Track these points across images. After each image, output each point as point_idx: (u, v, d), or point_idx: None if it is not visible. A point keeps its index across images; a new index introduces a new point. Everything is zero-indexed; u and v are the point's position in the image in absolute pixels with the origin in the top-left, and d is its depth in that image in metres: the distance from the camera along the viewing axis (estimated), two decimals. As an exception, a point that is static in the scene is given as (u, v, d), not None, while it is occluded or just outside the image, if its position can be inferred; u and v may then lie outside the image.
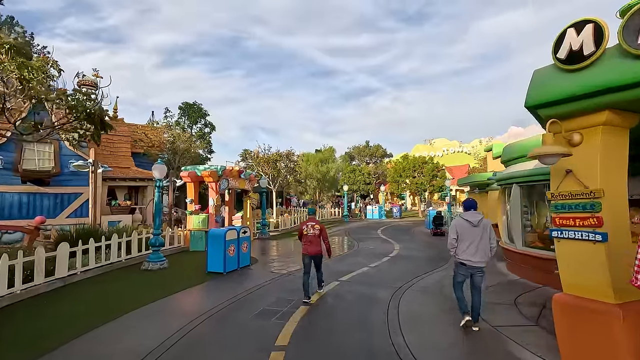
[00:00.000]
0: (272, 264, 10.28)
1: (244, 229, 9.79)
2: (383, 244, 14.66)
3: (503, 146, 18.64)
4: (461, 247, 4.99)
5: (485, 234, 4.93)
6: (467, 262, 4.96)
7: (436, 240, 15.55)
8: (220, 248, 8.89)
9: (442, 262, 10.19)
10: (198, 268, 9.55)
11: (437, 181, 31.63)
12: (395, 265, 9.97)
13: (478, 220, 4.98)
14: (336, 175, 27.01)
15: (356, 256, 11.56)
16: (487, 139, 73.40)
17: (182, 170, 13.63)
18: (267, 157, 22.21)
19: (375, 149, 51.73)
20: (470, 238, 4.93)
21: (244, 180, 15.47)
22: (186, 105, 27.97)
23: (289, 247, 13.89)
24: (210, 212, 13.26)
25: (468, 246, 4.94)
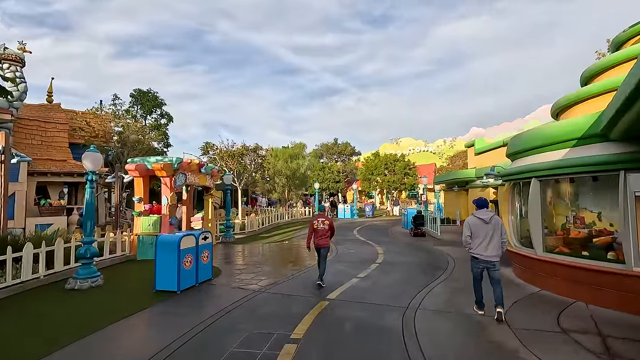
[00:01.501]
0: (239, 276, 8.40)
1: (204, 234, 7.82)
2: (363, 246, 13.20)
3: (484, 141, 18.02)
4: (475, 242, 5.38)
5: (497, 231, 5.31)
6: (479, 256, 5.36)
7: (420, 242, 14.36)
8: (173, 259, 6.89)
9: (439, 271, 8.85)
10: (144, 284, 7.47)
11: (409, 179, 30.94)
12: (387, 275, 8.47)
13: (489, 217, 5.34)
14: (306, 172, 25.31)
15: (339, 263, 9.96)
16: (451, 139, 75.30)
17: (128, 163, 11.28)
18: (232, 151, 20.02)
19: (343, 147, 50.65)
20: (482, 234, 5.32)
21: (205, 176, 13.34)
22: (139, 93, 24.92)
23: (258, 252, 12.00)
24: (164, 212, 11.06)
25: (481, 242, 5.32)
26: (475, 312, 5.51)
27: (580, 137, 5.91)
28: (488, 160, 15.49)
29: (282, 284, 7.61)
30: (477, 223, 5.36)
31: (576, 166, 5.90)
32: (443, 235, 15.59)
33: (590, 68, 7.80)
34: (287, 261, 10.31)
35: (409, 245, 13.72)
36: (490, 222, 5.29)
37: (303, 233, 18.03)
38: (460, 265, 9.34)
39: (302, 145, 25.92)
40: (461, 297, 6.44)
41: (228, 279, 8.06)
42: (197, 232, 7.67)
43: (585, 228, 6.44)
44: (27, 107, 17.52)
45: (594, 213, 6.35)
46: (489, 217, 5.33)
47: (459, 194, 18.83)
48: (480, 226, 5.32)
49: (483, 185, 15.06)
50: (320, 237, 7.33)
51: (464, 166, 39.68)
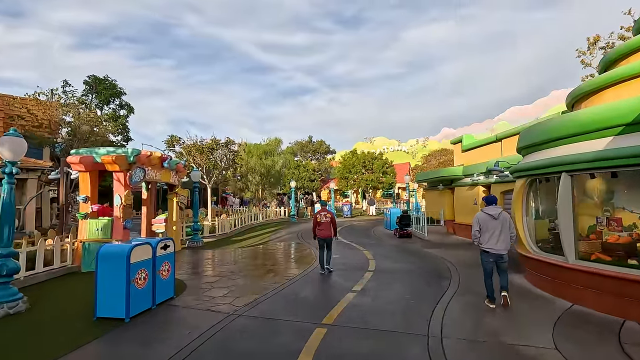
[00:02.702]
0: (208, 292, 6.83)
1: (164, 242, 6.20)
2: (349, 250, 11.94)
3: (473, 137, 17.31)
4: (484, 237, 5.66)
5: (505, 226, 5.61)
6: (490, 250, 5.62)
7: (408, 244, 13.30)
8: (121, 277, 5.26)
9: (444, 280, 7.72)
10: (84, 307, 5.76)
11: (387, 178, 30.17)
12: (387, 287, 7.22)
13: (498, 213, 5.65)
14: (281, 170, 23.76)
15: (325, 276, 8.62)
16: (424, 139, 76.16)
17: (71, 154, 9.31)
18: (201, 145, 18.10)
19: (318, 145, 49.43)
20: (491, 229, 5.61)
21: (169, 172, 11.54)
22: (94, 80, 22.30)
23: (230, 260, 10.40)
24: (116, 214, 9.22)
25: (490, 236, 5.61)
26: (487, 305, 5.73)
27: (629, 123, 4.90)
28: (477, 157, 14.74)
29: (263, 302, 6.16)
30: (486, 219, 5.68)
31: (624, 157, 4.89)
32: (430, 236, 14.67)
33: (618, 49, 6.94)
34: (266, 270, 8.84)
35: (398, 248, 12.62)
36: (499, 217, 5.62)
37: (280, 236, 16.55)
38: (465, 272, 8.27)
39: (278, 141, 24.32)
40: (487, 317, 5.29)
41: (195, 297, 6.48)
42: (154, 240, 6.04)
43: (624, 231, 5.49)
44: (-49, 90, 14.80)
45: (636, 214, 5.40)
46: (498, 213, 5.65)
47: (443, 193, 18.06)
48: (489, 221, 5.64)
49: (472, 184, 14.28)
50: (323, 229, 8.36)
51: (441, 165, 39.62)
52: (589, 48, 18.99)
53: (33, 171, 13.76)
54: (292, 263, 9.77)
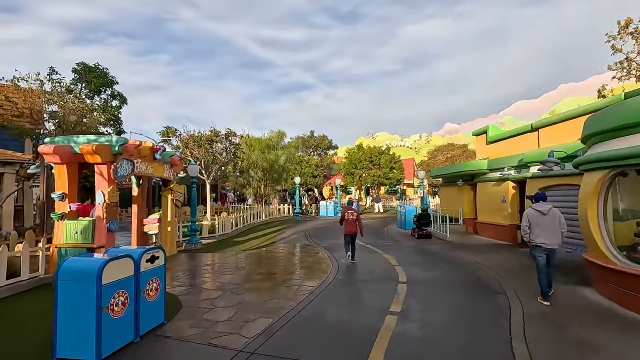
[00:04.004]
0: (209, 314, 5.41)
1: (150, 253, 4.76)
2: (369, 255, 10.53)
3: (498, 128, 15.88)
4: (535, 232, 5.84)
5: (555, 221, 5.77)
6: (542, 244, 5.76)
7: (430, 246, 11.90)
8: (88, 304, 3.83)
9: (498, 295, 6.32)
10: (43, 337, 4.34)
11: (395, 174, 28.75)
12: (432, 306, 5.82)
13: (547, 209, 5.82)
14: (285, 165, 22.27)
15: (351, 284, 7.21)
16: (427, 134, 74.91)
17: (44, 143, 7.83)
18: (199, 136, 16.57)
19: (320, 140, 47.92)
20: (541, 225, 5.79)
21: (162, 165, 10.09)
22: (84, 68, 20.71)
23: (234, 267, 8.97)
24: (98, 214, 7.77)
25: (540, 232, 5.78)
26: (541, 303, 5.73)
27: None
28: (506, 149, 13.33)
29: (281, 330, 4.75)
30: (536, 215, 5.85)
31: None
32: (451, 237, 13.29)
33: None
34: (276, 281, 7.43)
35: (421, 250, 11.22)
36: (548, 213, 5.79)
37: (286, 236, 15.14)
38: (519, 284, 6.87)
39: (281, 134, 22.74)
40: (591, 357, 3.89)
41: (192, 322, 5.06)
42: (136, 251, 4.60)
43: None
44: None
45: None
46: (547, 209, 5.81)
47: (462, 189, 16.67)
48: (539, 217, 5.82)
49: (499, 179, 12.89)
50: (349, 226, 9.13)
51: (448, 160, 38.25)
52: (620, 32, 17.52)
53: (10, 165, 12.30)
54: (305, 271, 8.36)
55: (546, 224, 5.73)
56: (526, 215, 5.96)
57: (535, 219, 5.82)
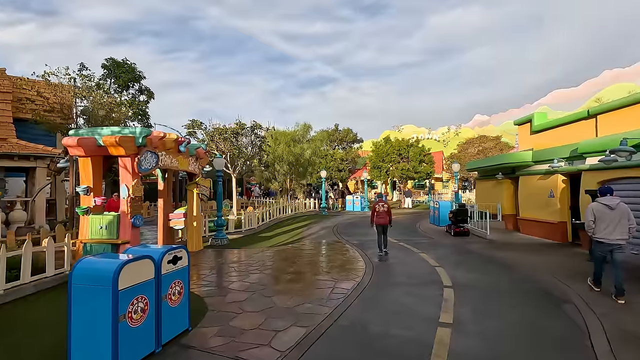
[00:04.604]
0: (236, 319, 4.92)
1: (172, 253, 4.30)
2: (404, 253, 9.80)
3: (546, 116, 14.57)
4: (600, 227, 5.63)
5: (624, 216, 5.52)
6: (605, 240, 5.58)
7: (470, 245, 10.98)
8: (104, 312, 3.39)
9: (565, 303, 5.47)
10: (62, 343, 3.97)
11: (425, 167, 27.56)
12: (488, 317, 5.06)
13: (615, 204, 5.58)
14: (311, 158, 21.70)
15: (389, 286, 6.53)
16: (456, 127, 72.26)
17: (69, 135, 7.60)
18: (224, 128, 16.27)
19: (345, 133, 47.04)
20: (607, 220, 5.56)
21: (186, 158, 9.76)
22: (112, 64, 20.93)
23: (262, 265, 8.50)
24: (123, 209, 7.49)
25: (606, 227, 5.57)
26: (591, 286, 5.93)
27: None
28: (555, 139, 12.11)
29: (317, 343, 4.17)
30: (602, 209, 5.65)
31: None
32: (491, 235, 12.28)
33: None
34: (307, 282, 6.88)
35: (461, 250, 10.35)
36: (616, 208, 5.56)
37: (313, 232, 14.60)
38: (583, 291, 5.96)
39: (307, 127, 22.15)
40: None
41: (219, 329, 4.58)
42: (157, 251, 4.15)
43: None
44: (-44, 71, 13.63)
45: None
46: (615, 203, 5.59)
47: (501, 184, 15.50)
48: (605, 212, 5.60)
49: (547, 172, 11.73)
50: (381, 217, 9.58)
51: (480, 154, 36.39)
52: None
53: (42, 159, 12.40)
54: (337, 271, 7.76)
55: (613, 219, 5.54)
56: (591, 209, 5.79)
57: (601, 213, 5.64)
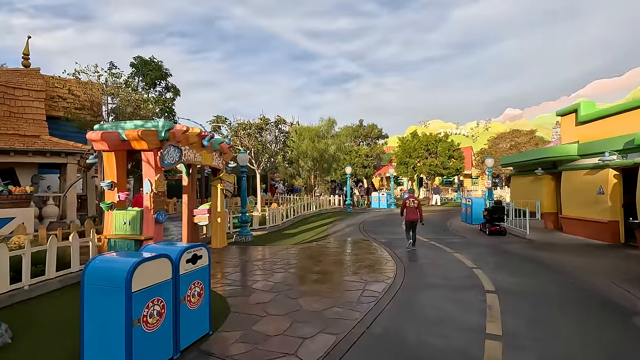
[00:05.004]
0: (261, 322, 4.57)
1: (191, 251, 3.98)
2: (436, 253, 9.19)
3: (594, 106, 13.42)
4: None
5: None
6: None
7: (510, 245, 10.19)
8: (116, 316, 3.10)
9: (635, 315, 4.75)
10: (73, 348, 3.76)
11: (454, 163, 26.44)
12: (543, 329, 4.45)
13: None
14: (335, 154, 21.22)
15: (424, 289, 5.99)
16: (485, 121, 69.48)
17: (93, 130, 7.53)
18: (248, 124, 16.10)
19: (369, 129, 46.15)
20: None
21: (210, 153, 9.55)
22: (140, 62, 21.28)
23: (286, 263, 8.15)
24: (146, 204, 7.35)
25: None
26: None
27: None
28: (605, 130, 11.03)
29: (349, 354, 3.74)
30: None
31: None
32: (531, 234, 11.40)
33: None
34: (334, 282, 6.46)
35: (498, 250, 9.60)
36: None
37: (338, 229, 14.17)
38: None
39: (332, 122, 21.65)
40: None
41: (241, 334, 4.24)
42: (175, 249, 3.84)
43: None
44: (-6, 71, 14.14)
45: None
46: None
47: (540, 179, 14.43)
48: None
49: (595, 166, 10.70)
50: (411, 213, 9.65)
51: (513, 148, 34.59)
52: None
53: (72, 155, 12.64)
54: (366, 271, 7.29)
55: None
56: None
57: None
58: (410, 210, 9.69)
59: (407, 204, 9.80)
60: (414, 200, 9.77)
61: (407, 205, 9.79)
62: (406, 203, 9.84)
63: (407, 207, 9.77)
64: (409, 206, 9.74)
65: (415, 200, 9.78)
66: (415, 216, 9.62)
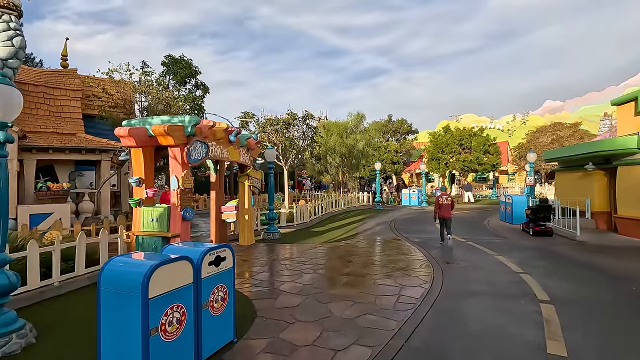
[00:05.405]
0: (289, 330, 4.23)
1: (215, 252, 3.69)
2: (475, 254, 8.51)
3: None
4: None
5: None
6: None
7: (558, 248, 9.30)
8: (133, 323, 2.84)
9: None
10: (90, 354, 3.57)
11: (489, 158, 25.06)
12: (625, 351, 3.81)
13: None
14: (365, 149, 20.62)
15: (467, 298, 5.42)
16: (522, 114, 65.93)
17: (121, 125, 7.49)
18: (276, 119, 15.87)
19: (399, 124, 44.96)
20: None
21: (237, 149, 9.35)
22: (171, 60, 21.61)
23: (315, 263, 7.79)
24: (173, 201, 7.23)
25: None
26: None
27: None
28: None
29: (387, 372, 3.31)
30: None
31: None
32: (582, 235, 10.38)
33: None
34: (366, 286, 6.02)
35: (546, 253, 8.76)
36: None
37: (368, 227, 13.67)
38: None
39: (361, 117, 21.03)
40: None
41: (268, 343, 3.91)
42: (197, 250, 3.56)
43: None
44: (36, 72, 14.75)
45: None
46: None
47: (590, 175, 13.21)
48: None
49: (659, 160, 9.56)
50: (444, 211, 9.79)
51: (554, 142, 32.39)
52: None
53: (106, 152, 12.93)
54: (400, 274, 6.79)
55: None
56: None
57: None
58: (443, 207, 9.79)
59: (439, 202, 9.87)
60: (447, 198, 9.91)
61: (440, 202, 9.86)
62: (439, 200, 9.90)
63: (440, 205, 9.83)
64: (442, 204, 9.82)
65: (448, 198, 9.92)
66: (448, 214, 9.75)
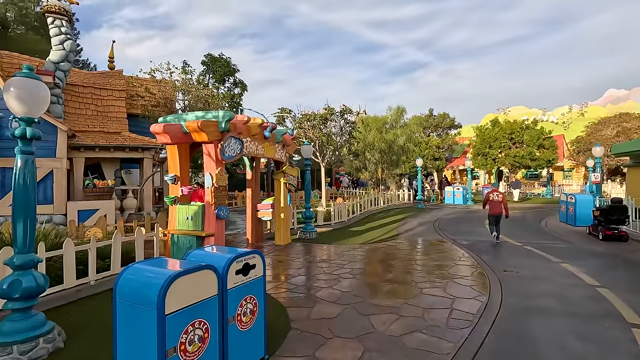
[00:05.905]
0: (326, 347, 3.74)
1: (242, 258, 3.27)
2: (537, 262, 7.50)
3: None
4: None
5: None
6: None
7: (637, 254, 8.00)
8: (148, 341, 2.48)
9: None
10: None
11: (544, 153, 22.94)
12: None
13: None
14: (405, 145, 19.62)
15: (534, 315, 4.61)
16: (581, 105, 60.50)
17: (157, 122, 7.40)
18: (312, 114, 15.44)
19: (440, 119, 42.86)
20: None
21: (272, 145, 9.01)
22: (210, 59, 21.97)
23: (354, 267, 7.24)
24: (207, 199, 7.01)
25: None
26: None
27: None
28: None
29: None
30: None
31: None
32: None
33: None
34: (414, 297, 5.38)
35: (623, 261, 7.54)
36: None
37: (410, 228, 12.85)
38: None
39: (401, 111, 20.00)
40: None
41: (301, 362, 3.45)
42: (222, 258, 3.16)
43: None
44: (85, 74, 15.47)
45: None
46: None
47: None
48: None
49: None
50: (494, 207, 9.76)
51: (621, 135, 29.11)
52: None
53: (148, 150, 13.23)
54: (450, 285, 6.05)
55: None
56: None
57: None
58: (493, 203, 9.77)
59: (490, 198, 9.92)
60: (498, 194, 9.89)
61: (490, 199, 9.90)
62: (489, 197, 9.96)
63: (490, 201, 9.88)
64: (492, 200, 9.84)
65: (500, 194, 9.88)
66: (499, 210, 9.69)
